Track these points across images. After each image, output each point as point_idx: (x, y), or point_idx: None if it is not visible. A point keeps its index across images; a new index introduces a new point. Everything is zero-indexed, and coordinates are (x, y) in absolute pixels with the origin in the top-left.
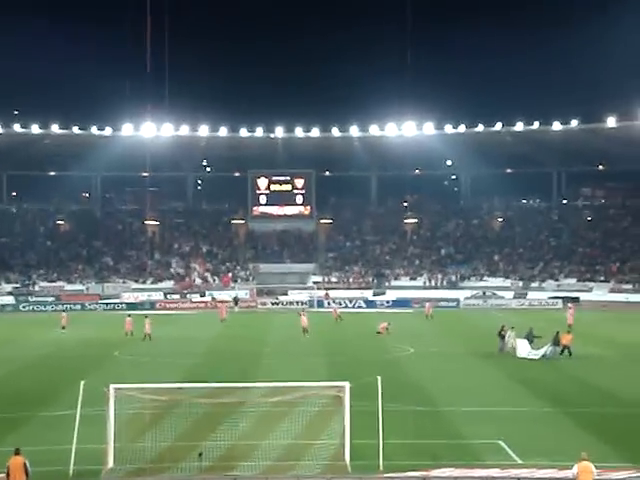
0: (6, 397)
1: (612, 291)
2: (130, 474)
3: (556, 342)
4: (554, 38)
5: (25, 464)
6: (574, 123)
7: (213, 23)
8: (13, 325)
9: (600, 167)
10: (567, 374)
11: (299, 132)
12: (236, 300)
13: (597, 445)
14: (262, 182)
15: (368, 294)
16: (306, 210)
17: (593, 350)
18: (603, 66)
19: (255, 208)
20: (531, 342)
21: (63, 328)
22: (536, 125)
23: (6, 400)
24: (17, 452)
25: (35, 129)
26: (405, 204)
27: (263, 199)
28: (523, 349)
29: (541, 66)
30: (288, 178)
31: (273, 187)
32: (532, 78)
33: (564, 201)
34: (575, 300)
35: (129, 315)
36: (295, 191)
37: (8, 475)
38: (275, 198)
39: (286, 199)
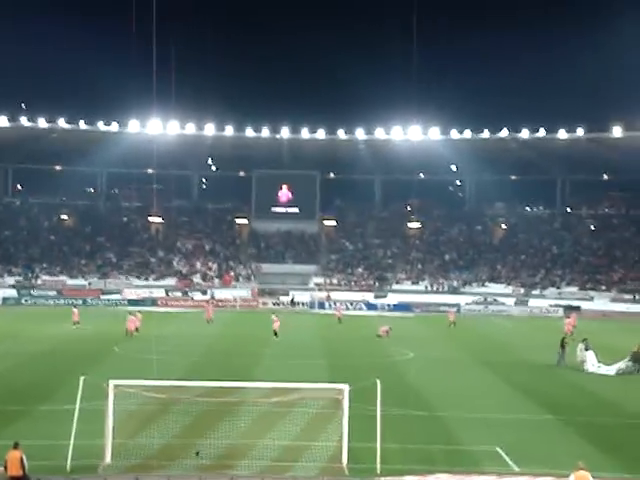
0: (6, 391)
1: (613, 300)
2: (127, 470)
3: (636, 358)
4: (561, 46)
5: (22, 458)
6: (580, 132)
7: (221, 23)
8: (15, 319)
9: (605, 176)
10: (566, 382)
11: (305, 133)
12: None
13: (595, 454)
14: (266, 183)
15: (370, 297)
16: (309, 212)
17: None
18: (610, 75)
19: (260, 208)
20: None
21: (74, 323)
22: (542, 133)
23: (6, 394)
24: (15, 446)
25: (42, 123)
26: (409, 208)
27: (268, 200)
28: (592, 363)
29: (548, 74)
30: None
31: (278, 188)
32: (538, 85)
33: (568, 209)
34: (576, 309)
35: (130, 313)
36: (299, 193)
37: (6, 468)
38: (280, 199)
39: (291, 200)
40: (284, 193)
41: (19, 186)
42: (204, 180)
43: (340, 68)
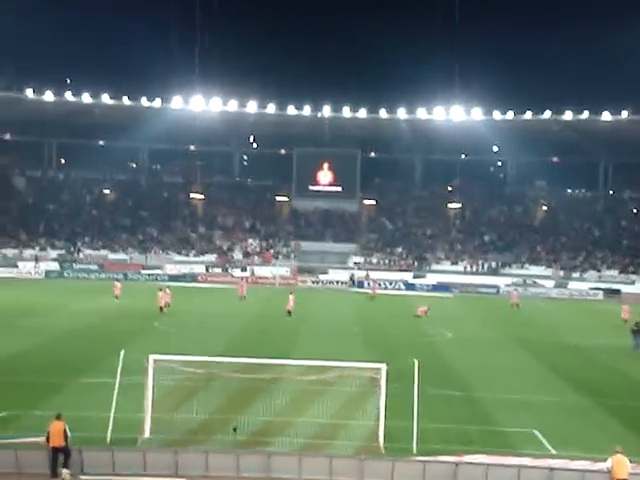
0: (49, 363)
1: None
2: (166, 444)
3: None
4: (607, 26)
5: (65, 429)
6: (624, 114)
7: (265, 1)
8: (57, 292)
9: None
10: (607, 366)
11: (346, 112)
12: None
13: (633, 439)
14: (307, 161)
15: (408, 277)
16: (349, 191)
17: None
18: None
19: (300, 186)
20: None
21: (116, 297)
22: (585, 114)
23: (49, 366)
24: (58, 417)
25: (86, 98)
26: (450, 188)
27: (309, 178)
28: None
29: (593, 55)
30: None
31: (319, 166)
32: (583, 67)
33: (610, 192)
34: (616, 292)
35: (160, 289)
36: (340, 171)
37: (48, 438)
38: (321, 177)
39: (331, 179)
40: (325, 171)
41: (62, 160)
42: (245, 157)
43: (383, 47)
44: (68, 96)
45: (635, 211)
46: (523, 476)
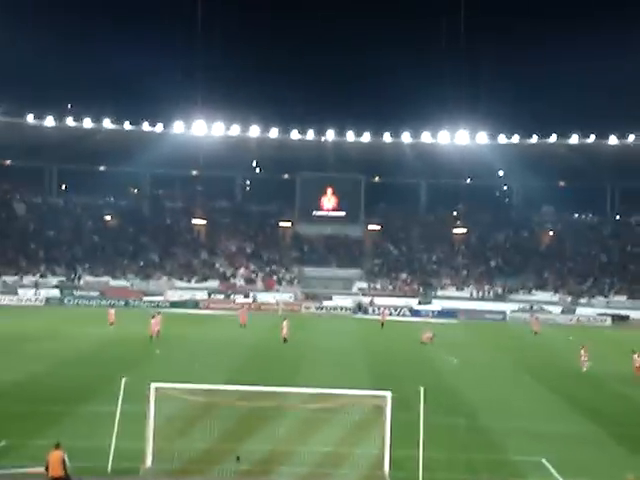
0: (49, 391)
1: None
2: (168, 474)
3: None
4: (614, 50)
5: (64, 458)
6: (631, 138)
7: (268, 23)
8: (58, 319)
9: None
10: (614, 393)
11: (350, 136)
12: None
13: None
14: (311, 186)
15: (414, 303)
16: (353, 216)
17: None
18: None
19: (303, 211)
20: None
21: (111, 324)
22: (592, 138)
23: (48, 394)
24: (57, 446)
25: (87, 123)
26: (455, 213)
27: (312, 203)
28: None
29: (599, 78)
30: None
31: (322, 191)
32: (589, 90)
33: (617, 217)
34: (625, 318)
35: (153, 316)
36: (344, 196)
37: (47, 468)
38: (324, 202)
39: (335, 204)
40: (328, 196)
41: (63, 186)
42: (248, 182)
43: (387, 70)
44: (69, 121)
45: None
46: None
